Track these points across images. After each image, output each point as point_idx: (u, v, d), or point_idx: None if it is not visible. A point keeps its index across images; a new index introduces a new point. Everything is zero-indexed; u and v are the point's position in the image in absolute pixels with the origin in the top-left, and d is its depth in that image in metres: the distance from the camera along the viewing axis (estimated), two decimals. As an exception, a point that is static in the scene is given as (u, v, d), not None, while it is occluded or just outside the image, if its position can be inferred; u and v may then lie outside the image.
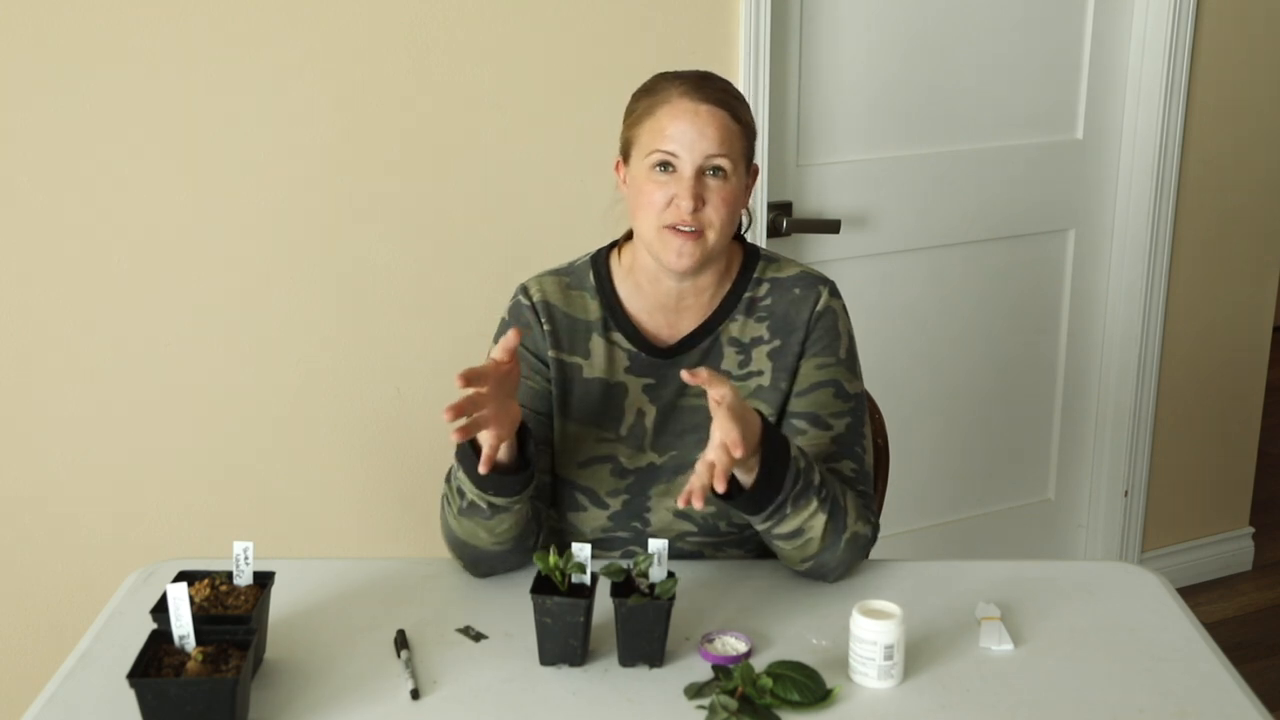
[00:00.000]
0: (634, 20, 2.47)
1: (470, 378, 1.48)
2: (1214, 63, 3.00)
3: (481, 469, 1.54)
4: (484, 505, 1.62)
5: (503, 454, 1.59)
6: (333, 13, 2.28)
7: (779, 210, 2.71)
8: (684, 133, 1.64)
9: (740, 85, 2.55)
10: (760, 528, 1.65)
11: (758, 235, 2.65)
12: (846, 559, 1.68)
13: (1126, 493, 3.23)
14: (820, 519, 1.63)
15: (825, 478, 1.65)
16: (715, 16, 2.53)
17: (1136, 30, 2.95)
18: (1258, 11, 3.02)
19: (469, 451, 1.59)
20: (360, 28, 2.30)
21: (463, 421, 1.49)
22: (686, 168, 1.65)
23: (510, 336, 1.55)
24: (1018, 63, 2.88)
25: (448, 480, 1.68)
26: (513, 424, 1.57)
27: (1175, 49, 2.92)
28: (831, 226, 2.73)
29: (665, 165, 1.66)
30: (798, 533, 1.63)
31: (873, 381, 2.16)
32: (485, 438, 1.55)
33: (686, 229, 1.65)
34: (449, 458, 1.80)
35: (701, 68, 1.74)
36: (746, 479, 1.58)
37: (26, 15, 2.12)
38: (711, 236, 1.67)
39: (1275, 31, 3.06)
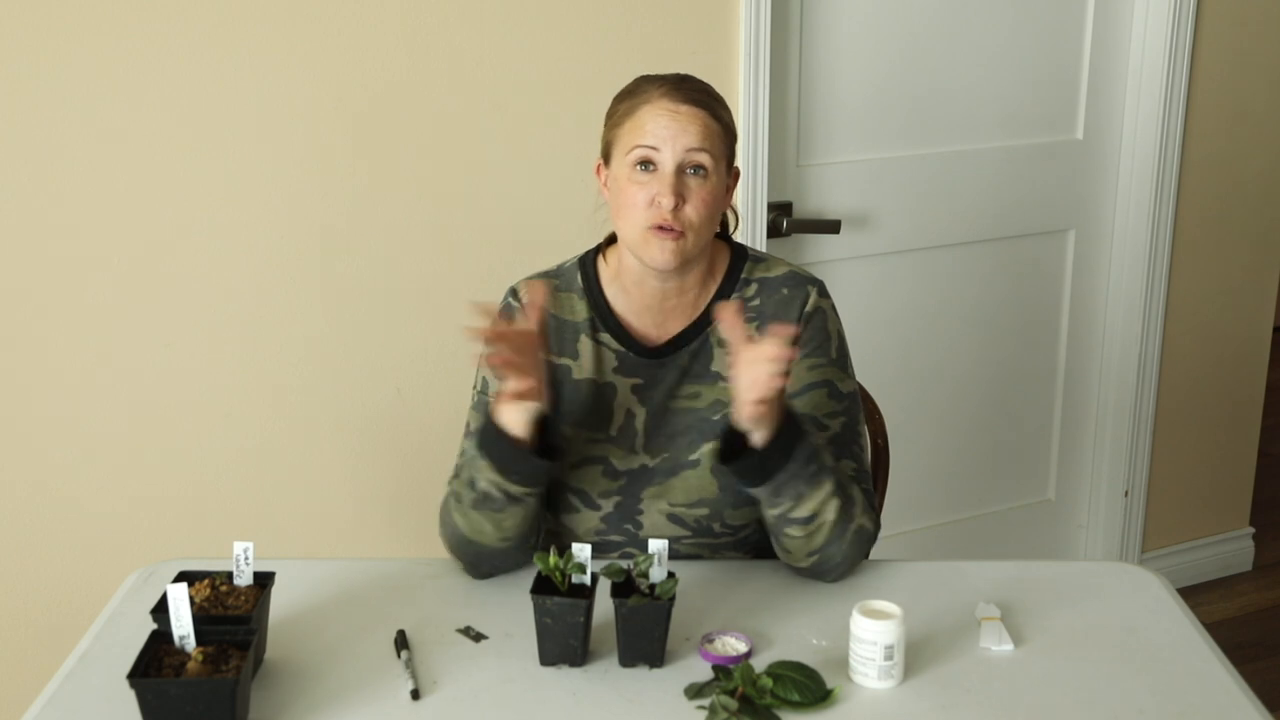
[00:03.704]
0: (634, 20, 2.47)
1: (500, 336, 1.50)
2: (1214, 63, 3.00)
3: (522, 432, 1.56)
4: (499, 496, 1.63)
5: (524, 433, 1.60)
6: (332, 13, 2.28)
7: (779, 210, 2.71)
8: (665, 129, 1.65)
9: (740, 85, 2.55)
10: (774, 512, 1.64)
11: (758, 235, 2.65)
12: (850, 553, 1.68)
13: (1126, 493, 3.23)
14: (834, 504, 1.63)
15: (834, 467, 1.66)
16: (715, 16, 2.53)
17: (1136, 30, 2.94)
18: (1258, 12, 3.02)
19: (495, 435, 1.60)
20: (360, 28, 2.30)
21: (511, 386, 1.53)
22: (668, 164, 1.65)
23: (537, 294, 1.59)
24: (1018, 63, 2.88)
25: (456, 476, 1.69)
26: (542, 397, 1.59)
27: (1175, 49, 2.92)
28: (832, 227, 2.73)
29: (646, 163, 1.66)
30: (813, 517, 1.63)
31: (872, 381, 2.16)
32: (526, 410, 1.57)
33: (668, 227, 1.65)
34: (450, 457, 1.80)
35: (702, 67, 1.74)
36: (760, 440, 1.58)
37: (26, 16, 2.12)
38: (691, 237, 1.67)
39: (1275, 32, 3.06)
